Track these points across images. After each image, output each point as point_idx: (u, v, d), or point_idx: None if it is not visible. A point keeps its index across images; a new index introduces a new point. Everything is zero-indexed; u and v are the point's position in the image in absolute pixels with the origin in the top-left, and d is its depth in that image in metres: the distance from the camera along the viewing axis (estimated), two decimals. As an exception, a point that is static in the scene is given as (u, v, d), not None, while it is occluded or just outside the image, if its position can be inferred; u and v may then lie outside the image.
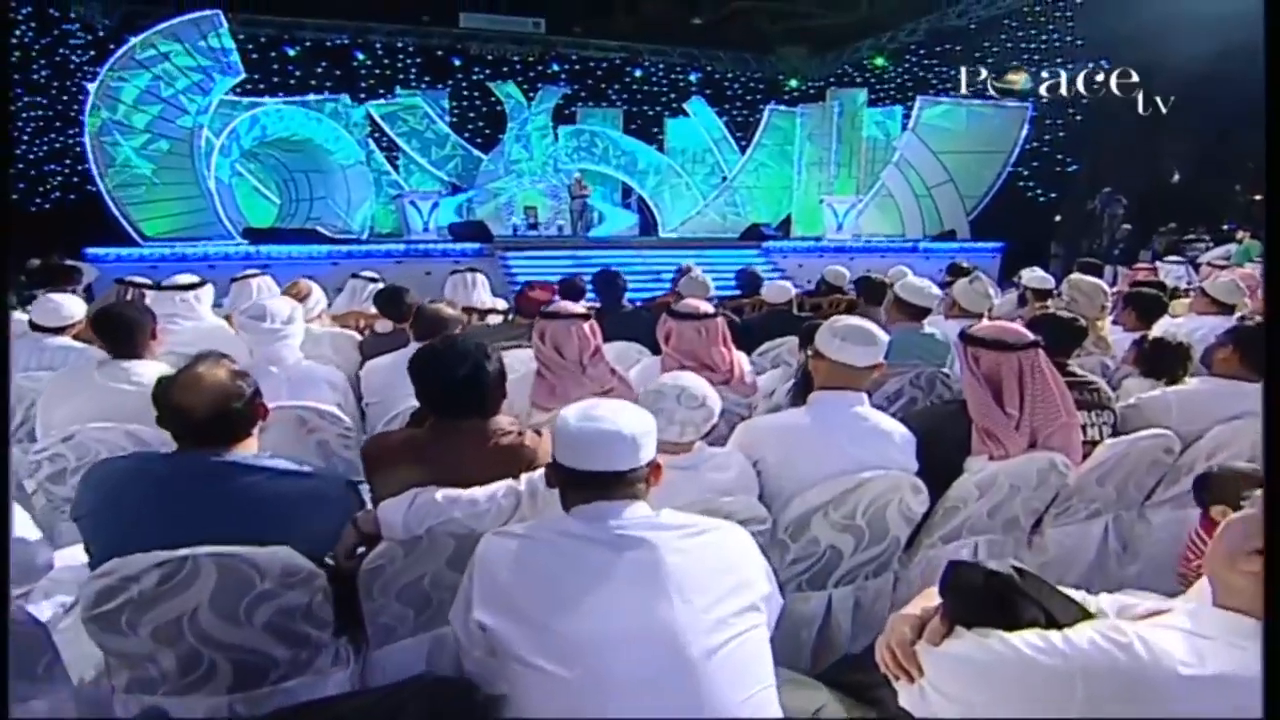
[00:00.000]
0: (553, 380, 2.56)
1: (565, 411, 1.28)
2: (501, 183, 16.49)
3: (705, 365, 2.72)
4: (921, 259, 13.52)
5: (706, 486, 1.68)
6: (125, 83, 11.75)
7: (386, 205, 15.45)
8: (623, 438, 1.23)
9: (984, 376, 2.04)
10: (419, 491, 1.52)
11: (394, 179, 15.84)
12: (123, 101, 11.74)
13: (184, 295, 3.22)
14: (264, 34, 15.25)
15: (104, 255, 10.74)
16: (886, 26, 16.35)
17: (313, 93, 14.99)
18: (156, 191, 12.10)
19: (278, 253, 11.56)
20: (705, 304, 2.79)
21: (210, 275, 10.69)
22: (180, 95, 12.05)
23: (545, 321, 2.60)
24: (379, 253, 12.20)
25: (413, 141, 16.15)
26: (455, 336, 1.76)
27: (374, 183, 15.36)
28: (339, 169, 14.66)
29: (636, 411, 1.29)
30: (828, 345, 1.95)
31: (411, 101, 16.07)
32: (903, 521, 1.93)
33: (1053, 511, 2.25)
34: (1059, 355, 2.46)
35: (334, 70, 15.84)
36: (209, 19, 12.24)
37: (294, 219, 14.46)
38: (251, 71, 14.51)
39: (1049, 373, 2.06)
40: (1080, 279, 3.61)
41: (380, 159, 15.85)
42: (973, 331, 2.11)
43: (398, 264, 11.92)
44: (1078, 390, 2.35)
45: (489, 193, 16.40)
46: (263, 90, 14.64)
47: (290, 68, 15.54)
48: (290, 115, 14.00)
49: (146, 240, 11.74)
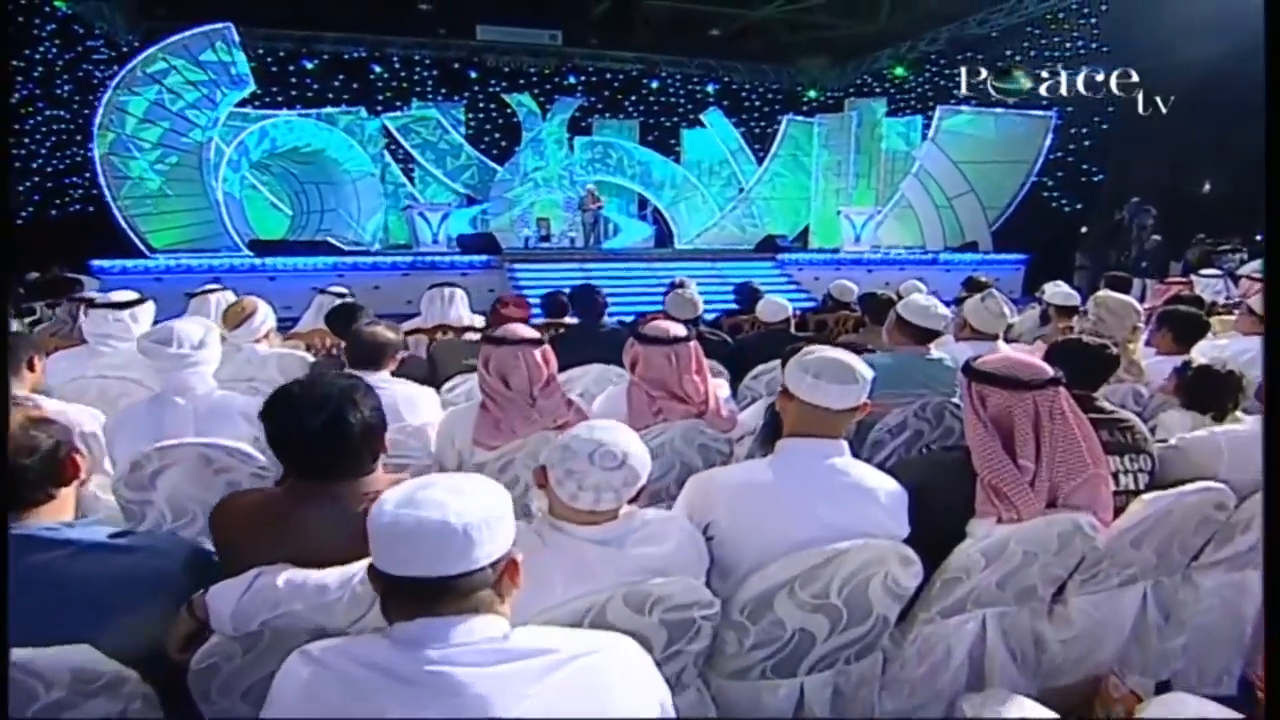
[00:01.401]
0: (498, 414, 2.24)
1: (386, 495, 0.97)
2: (516, 194, 16.42)
3: (676, 395, 2.39)
4: (941, 271, 13.12)
5: (632, 566, 1.33)
6: (135, 96, 11.76)
7: (399, 216, 15.37)
8: (450, 532, 0.91)
9: (992, 420, 1.67)
10: (261, 572, 1.20)
11: (410, 191, 15.78)
12: (131, 114, 11.75)
13: (118, 314, 2.95)
14: (283, 48, 15.38)
15: (109, 267, 10.68)
16: (906, 36, 16.01)
17: (330, 105, 15.10)
18: (165, 204, 12.10)
19: (283, 264, 11.46)
20: (677, 326, 2.45)
21: (215, 288, 10.60)
22: (188, 110, 12.04)
23: (489, 347, 2.28)
24: (385, 264, 12.07)
25: (427, 153, 16.13)
26: (318, 376, 1.42)
27: (388, 194, 15.37)
28: (349, 180, 14.66)
29: (480, 492, 0.97)
30: (797, 382, 1.61)
31: (426, 113, 16.04)
32: (890, 599, 1.57)
33: (1078, 577, 1.88)
34: (1085, 387, 2.10)
35: (351, 83, 15.91)
36: (220, 31, 12.21)
37: (305, 230, 14.48)
38: (270, 85, 14.78)
39: (1072, 415, 1.70)
40: (1108, 296, 3.22)
41: (396, 171, 15.86)
42: (979, 365, 1.74)
43: (404, 276, 11.78)
44: (1107, 430, 1.99)
45: (504, 204, 16.35)
46: (281, 103, 14.76)
47: (308, 81, 15.63)
48: (300, 127, 13.98)
49: (154, 252, 11.67)
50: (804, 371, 1.60)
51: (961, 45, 15.24)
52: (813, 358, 1.61)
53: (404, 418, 2.37)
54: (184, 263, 11.22)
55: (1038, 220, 14.23)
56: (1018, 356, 1.78)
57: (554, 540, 1.35)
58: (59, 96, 13.65)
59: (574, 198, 15.95)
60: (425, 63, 16.56)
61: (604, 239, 15.62)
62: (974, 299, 3.07)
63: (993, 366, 1.73)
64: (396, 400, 2.38)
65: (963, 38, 15.28)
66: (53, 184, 13.53)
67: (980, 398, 1.69)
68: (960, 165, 14.25)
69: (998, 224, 14.44)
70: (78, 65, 13.88)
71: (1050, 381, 1.67)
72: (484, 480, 1.00)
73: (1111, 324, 3.07)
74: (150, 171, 11.94)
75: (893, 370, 2.72)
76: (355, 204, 14.78)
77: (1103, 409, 2.06)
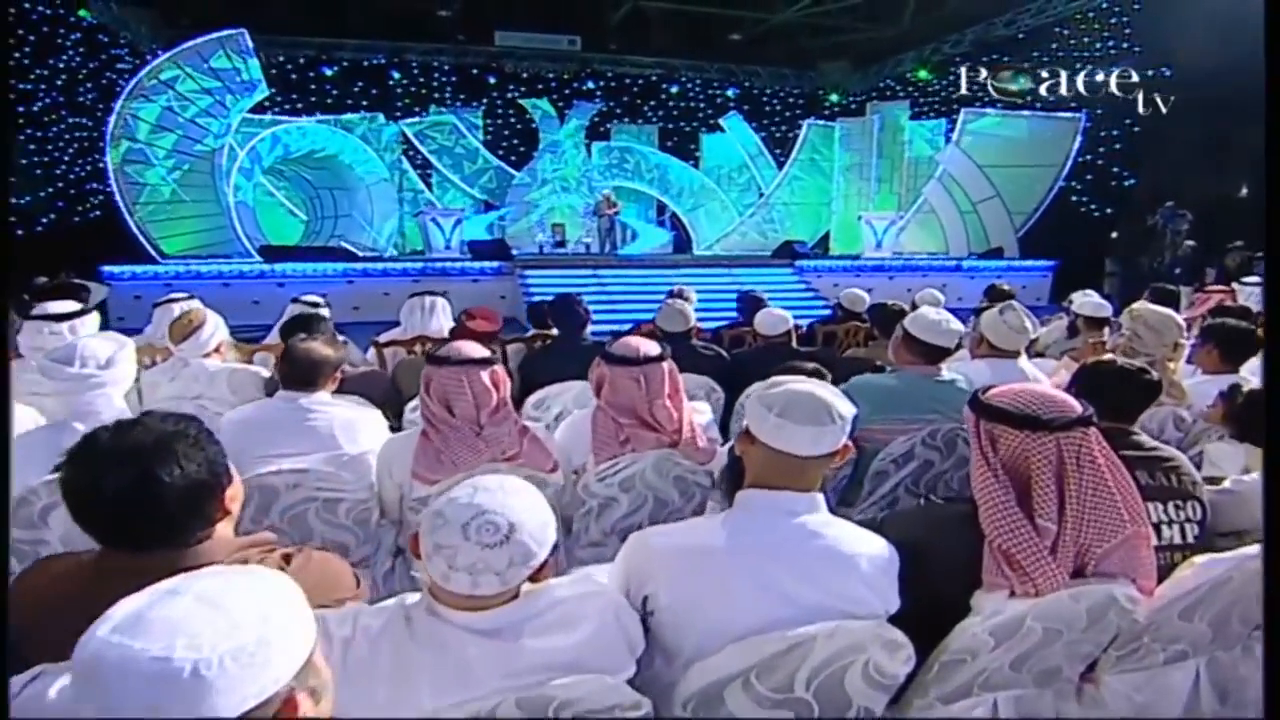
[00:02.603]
0: (439, 444, 1.97)
1: (114, 610, 0.69)
2: (532, 198, 16.34)
3: (645, 423, 2.09)
4: (966, 278, 12.73)
5: (530, 663, 1.04)
6: (149, 103, 11.79)
7: (415, 222, 15.31)
8: (170, 676, 0.63)
9: (1004, 467, 1.34)
10: (42, 671, 0.93)
11: (428, 197, 15.72)
12: (144, 121, 11.77)
13: (55, 327, 2.71)
14: (303, 55, 15.43)
15: (120, 273, 10.65)
16: (930, 38, 15.61)
17: (349, 112, 15.07)
18: (178, 210, 12.10)
19: (293, 270, 11.36)
20: (650, 344, 2.15)
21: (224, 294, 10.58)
22: (200, 116, 12.05)
23: (430, 368, 2.00)
24: (395, 270, 11.93)
25: (444, 158, 16.04)
26: (138, 421, 1.14)
27: (407, 199, 15.32)
28: (363, 185, 14.61)
29: (271, 597, 0.70)
30: (760, 422, 1.31)
31: (443, 119, 15.96)
32: (873, 689, 1.26)
33: (1114, 653, 1.56)
34: (1120, 419, 1.78)
35: (370, 90, 15.89)
36: (233, 38, 12.18)
37: (320, 236, 14.47)
38: (290, 92, 14.92)
39: (1105, 461, 1.37)
40: (1145, 309, 2.84)
41: (414, 178, 15.81)
42: (989, 398, 1.42)
43: (414, 282, 11.62)
44: (1147, 470, 1.66)
45: (521, 210, 16.26)
46: (300, 110, 14.78)
47: (328, 87, 15.65)
48: (313, 132, 13.95)
49: (166, 258, 11.63)
50: (767, 409, 1.29)
51: (987, 47, 14.82)
52: (778, 391, 1.30)
53: (340, 446, 2.10)
54: (194, 268, 11.18)
55: (1066, 226, 13.80)
56: (1038, 389, 1.45)
57: (426, 630, 1.06)
58: (82, 105, 13.72)
59: (590, 203, 15.76)
60: (444, 69, 16.52)
61: (621, 245, 15.43)
62: (991, 312, 2.73)
63: (1007, 401, 1.40)
64: (333, 425, 2.12)
65: (988, 40, 14.86)
66: (75, 191, 13.60)
67: (990, 439, 1.36)
68: (985, 169, 13.86)
69: (1024, 229, 14.04)
70: (101, 74, 13.95)
71: (1078, 421, 1.35)
72: (245, 585, 0.71)
73: (1149, 340, 2.71)
74: (163, 178, 11.94)
75: (898, 393, 2.41)
76: (369, 209, 14.73)
77: (1141, 445, 1.74)
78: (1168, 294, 5.19)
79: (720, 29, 16.06)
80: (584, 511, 2.17)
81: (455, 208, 14.37)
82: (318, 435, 2.08)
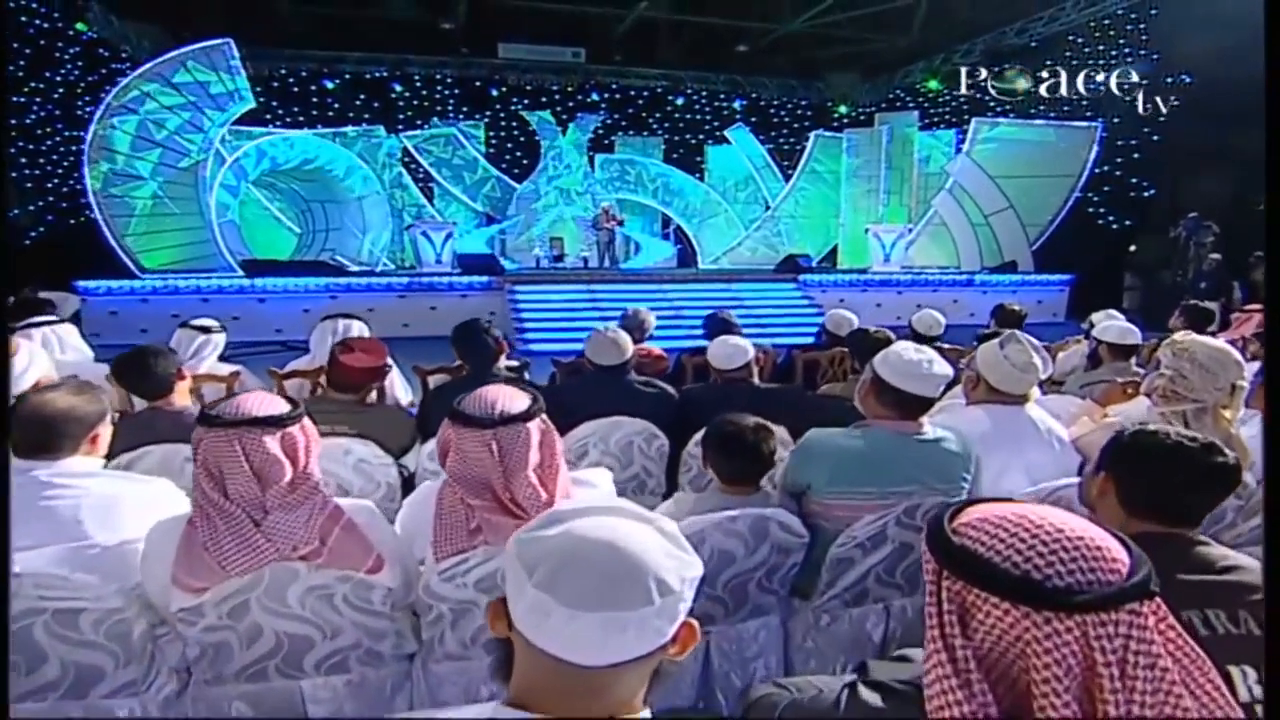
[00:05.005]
0: (206, 535, 1.40)
1: None
2: (534, 210, 16.02)
3: (502, 504, 1.51)
4: (978, 293, 12.12)
5: None
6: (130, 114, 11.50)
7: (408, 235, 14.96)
8: None
9: (981, 661, 0.71)
10: None
11: (429, 211, 15.40)
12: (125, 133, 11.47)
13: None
14: (305, 68, 15.21)
15: (95, 288, 10.27)
16: (940, 49, 15.07)
17: (350, 125, 14.86)
18: (158, 224, 11.77)
19: (274, 285, 10.93)
20: (514, 396, 1.55)
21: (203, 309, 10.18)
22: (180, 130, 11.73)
23: (199, 429, 1.44)
24: (380, 285, 11.47)
25: (444, 171, 15.74)
26: None
27: (409, 213, 15.01)
28: (354, 198, 14.23)
29: None
30: (516, 596, 0.70)
31: (443, 131, 15.70)
32: None
33: None
34: (1180, 524, 1.20)
35: (372, 102, 15.67)
36: (219, 49, 11.87)
37: (312, 249, 14.18)
38: (291, 105, 14.79)
39: (1173, 654, 0.73)
40: (1194, 343, 2.17)
41: (415, 191, 15.52)
42: (961, 531, 0.78)
43: (400, 298, 11.25)
44: (1226, 609, 1.07)
45: (523, 223, 15.91)
46: (301, 123, 14.56)
47: (329, 100, 15.46)
48: (301, 143, 13.61)
49: (145, 273, 11.24)
50: (526, 573, 0.70)
51: (999, 56, 14.25)
52: (553, 535, 0.71)
53: (89, 534, 1.53)
54: (171, 283, 10.78)
55: (1083, 238, 13.22)
56: (1050, 514, 0.77)
57: None
58: (80, 119, 13.53)
59: (589, 217, 15.33)
60: (446, 81, 16.28)
61: (622, 259, 14.93)
62: (990, 346, 2.12)
63: (995, 540, 0.75)
64: (80, 507, 1.55)
65: (1000, 49, 14.30)
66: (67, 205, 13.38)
67: (959, 606, 0.74)
68: (998, 180, 13.25)
69: (1039, 242, 13.44)
70: (101, 88, 13.77)
71: (1128, 592, 0.71)
72: None
73: (1198, 383, 2.07)
74: (143, 190, 11.61)
75: (865, 457, 1.82)
76: (361, 222, 14.38)
77: (1210, 563, 1.15)
78: (1204, 314, 4.59)
79: (727, 40, 15.67)
80: (432, 619, 1.60)
81: (446, 221, 13.95)
82: (55, 520, 1.52)
